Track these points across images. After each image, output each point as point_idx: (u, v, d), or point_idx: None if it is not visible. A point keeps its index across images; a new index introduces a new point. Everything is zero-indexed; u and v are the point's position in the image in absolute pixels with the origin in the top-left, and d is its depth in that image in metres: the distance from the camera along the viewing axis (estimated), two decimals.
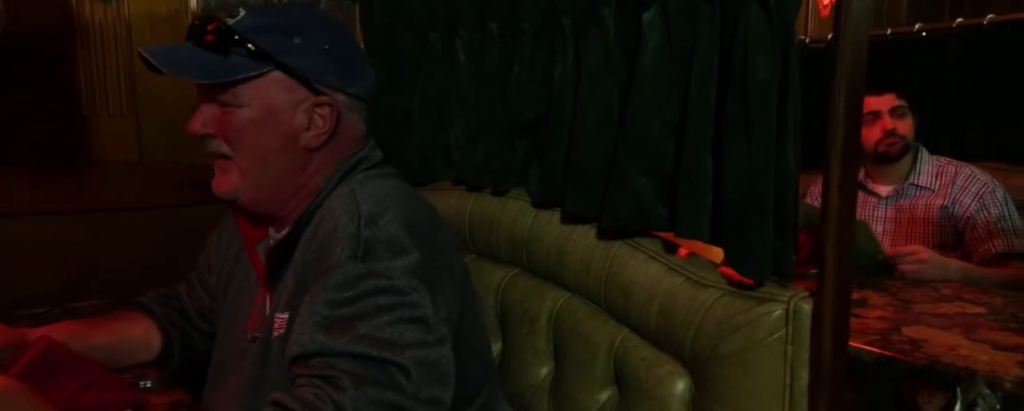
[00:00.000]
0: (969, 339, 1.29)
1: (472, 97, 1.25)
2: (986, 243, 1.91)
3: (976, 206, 1.95)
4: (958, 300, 1.57)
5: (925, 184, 2.06)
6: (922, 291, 1.66)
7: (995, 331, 1.33)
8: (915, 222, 2.05)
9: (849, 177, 0.74)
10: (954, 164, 2.07)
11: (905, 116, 2.04)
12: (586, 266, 1.01)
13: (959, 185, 2.01)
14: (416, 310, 0.80)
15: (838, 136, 0.73)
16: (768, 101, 0.78)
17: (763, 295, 0.81)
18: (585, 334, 1.01)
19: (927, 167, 2.08)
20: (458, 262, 0.93)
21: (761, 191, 0.79)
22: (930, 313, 1.46)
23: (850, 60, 0.72)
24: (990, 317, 1.43)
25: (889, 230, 2.12)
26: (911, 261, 1.78)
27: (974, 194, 1.97)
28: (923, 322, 1.40)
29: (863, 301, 1.57)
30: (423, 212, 0.93)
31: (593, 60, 0.99)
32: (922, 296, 1.61)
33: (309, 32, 0.94)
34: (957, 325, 1.37)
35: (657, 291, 0.90)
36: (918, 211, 2.05)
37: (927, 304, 1.53)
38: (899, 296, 1.61)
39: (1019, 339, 1.28)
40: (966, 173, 2.02)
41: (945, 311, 1.48)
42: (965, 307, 1.50)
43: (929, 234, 2.03)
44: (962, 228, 1.97)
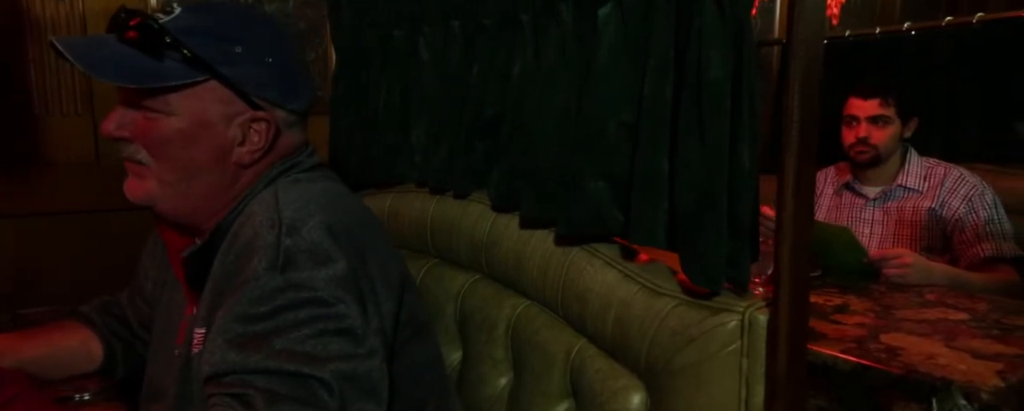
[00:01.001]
0: (948, 347, 1.25)
1: (434, 96, 1.21)
2: (974, 247, 1.87)
3: (965, 209, 1.91)
4: (942, 306, 1.52)
5: (913, 185, 2.02)
6: (906, 296, 1.61)
7: (976, 338, 1.29)
8: (902, 224, 2.01)
9: (804, 180, 0.70)
10: (943, 165, 2.02)
11: (887, 125, 1.99)
12: (543, 273, 0.97)
13: (948, 187, 1.97)
14: (342, 321, 0.75)
15: (792, 138, 0.69)
16: (721, 100, 0.74)
17: (718, 305, 0.77)
18: (543, 343, 0.97)
19: (915, 168, 2.04)
20: (395, 269, 0.88)
21: (714, 195, 0.75)
22: (912, 319, 1.42)
23: (804, 57, 0.68)
24: (972, 324, 1.38)
25: (877, 233, 2.08)
26: (895, 265, 1.74)
27: (963, 197, 1.93)
28: (903, 329, 1.36)
29: (844, 307, 1.53)
30: (355, 217, 0.87)
31: (550, 58, 0.95)
32: (905, 301, 1.57)
33: (252, 40, 0.87)
34: (938, 332, 1.33)
35: (612, 300, 0.86)
36: (906, 213, 2.01)
37: (909, 310, 1.49)
38: (882, 302, 1.57)
39: (1000, 347, 1.24)
40: (955, 175, 1.98)
41: (927, 317, 1.44)
42: (948, 313, 1.46)
43: (917, 237, 1.98)
44: (950, 231, 1.93)
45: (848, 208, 2.16)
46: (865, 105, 2.01)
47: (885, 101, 1.99)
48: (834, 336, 1.33)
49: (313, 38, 1.67)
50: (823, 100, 1.88)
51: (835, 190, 2.22)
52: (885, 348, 1.25)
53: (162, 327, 1.00)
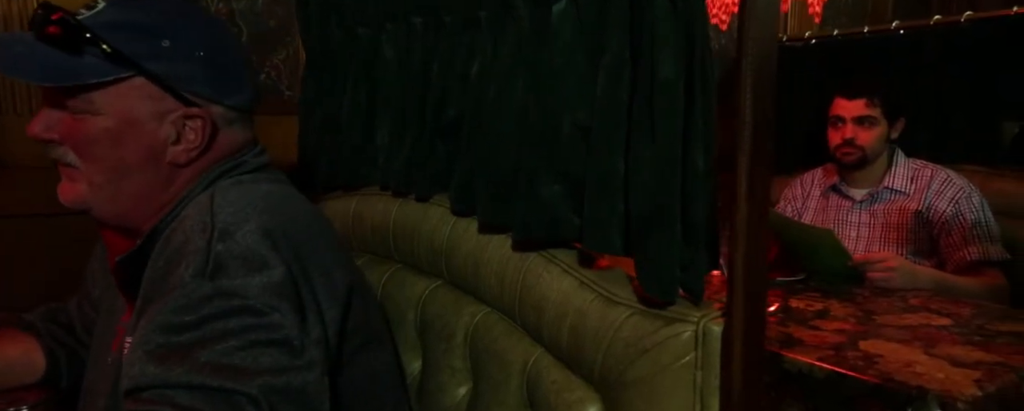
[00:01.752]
0: (928, 354, 1.21)
1: (397, 96, 1.18)
2: (961, 250, 1.83)
3: (951, 212, 1.87)
4: (925, 311, 1.49)
5: (900, 188, 1.98)
6: (889, 301, 1.58)
7: (957, 345, 1.26)
8: (889, 228, 1.97)
9: (758, 184, 0.66)
10: (930, 167, 1.99)
11: (872, 126, 1.95)
12: (500, 279, 0.93)
13: (934, 189, 1.93)
14: (276, 332, 0.71)
15: (745, 140, 0.65)
16: (673, 101, 0.70)
17: (672, 315, 0.73)
18: (500, 352, 0.93)
19: (902, 170, 2.01)
20: (342, 277, 0.84)
21: (666, 199, 0.71)
22: (893, 325, 1.39)
23: (755, 56, 0.64)
24: (955, 330, 1.35)
25: (863, 236, 2.04)
26: (879, 269, 1.70)
27: (950, 199, 1.89)
28: (883, 335, 1.32)
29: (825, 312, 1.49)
30: (299, 222, 0.83)
31: (506, 56, 0.92)
32: (888, 307, 1.53)
33: (181, 34, 0.83)
34: (918, 339, 1.30)
35: (568, 308, 0.83)
36: (892, 216, 1.97)
37: (891, 315, 1.46)
38: (864, 307, 1.53)
39: (981, 354, 1.21)
40: (942, 177, 1.94)
41: (908, 323, 1.40)
42: (930, 318, 1.43)
43: (903, 240, 1.95)
44: (937, 234, 1.90)
45: (835, 210, 2.12)
46: (850, 105, 1.98)
47: (871, 101, 1.96)
48: (812, 343, 1.29)
49: (283, 37, 1.63)
50: (811, 100, 1.84)
51: (822, 192, 2.19)
52: (863, 355, 1.22)
53: (101, 333, 0.96)
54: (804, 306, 1.54)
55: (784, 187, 2.33)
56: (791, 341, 1.30)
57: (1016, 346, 1.25)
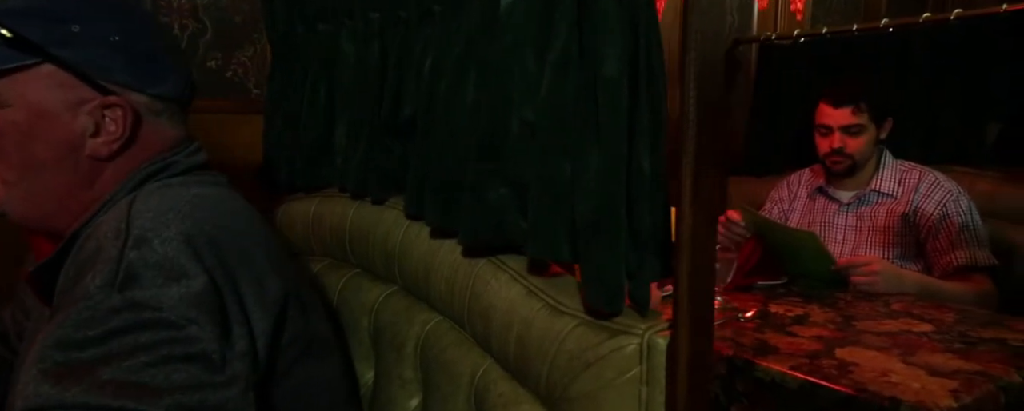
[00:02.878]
0: (905, 363, 1.17)
1: (354, 94, 1.14)
2: (948, 255, 1.79)
3: (939, 215, 1.83)
4: (907, 316, 1.45)
5: (887, 190, 1.94)
6: (872, 306, 1.54)
7: (936, 353, 1.21)
8: (875, 231, 1.93)
9: (704, 188, 0.62)
10: (918, 169, 1.94)
11: (860, 133, 1.90)
12: (450, 286, 0.89)
13: (922, 192, 1.88)
14: (192, 346, 0.66)
15: (690, 140, 0.61)
16: (617, 99, 0.66)
17: (618, 326, 0.69)
18: (449, 363, 0.89)
19: (889, 172, 1.96)
20: (277, 285, 0.78)
21: (611, 204, 0.67)
22: (872, 331, 1.34)
23: (700, 51, 0.60)
24: (935, 336, 1.31)
25: (850, 239, 1.99)
26: (863, 273, 1.66)
27: (937, 202, 1.85)
28: (861, 342, 1.28)
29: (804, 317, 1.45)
30: (229, 228, 0.78)
31: (457, 52, 0.87)
32: (869, 312, 1.49)
33: (92, 20, 0.79)
34: (897, 346, 1.25)
35: (515, 318, 0.79)
36: (879, 219, 1.93)
37: (871, 321, 1.41)
38: (845, 312, 1.49)
39: (959, 363, 1.16)
40: (930, 179, 1.90)
41: (888, 329, 1.36)
42: (911, 324, 1.38)
43: (890, 243, 1.90)
44: (924, 238, 1.85)
45: (821, 213, 2.08)
46: (837, 114, 1.92)
47: (857, 108, 1.90)
48: (787, 350, 1.25)
49: (250, 33, 1.59)
50: (801, 100, 1.79)
51: (809, 194, 2.14)
52: (838, 364, 1.18)
53: (27, 343, 0.92)
54: (783, 311, 1.50)
55: (771, 188, 2.29)
56: (766, 348, 1.26)
57: (997, 354, 1.21)
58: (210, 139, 1.60)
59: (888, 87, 2.25)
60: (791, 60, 2.58)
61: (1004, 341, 1.28)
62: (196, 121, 1.59)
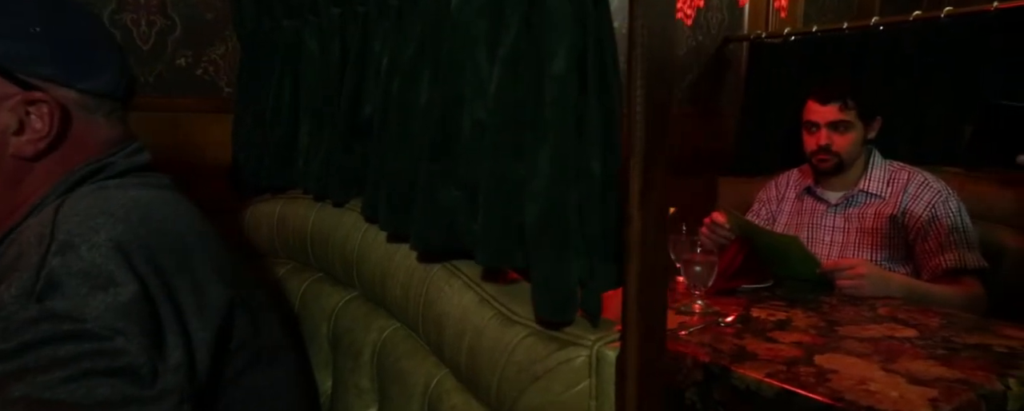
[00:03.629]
0: (885, 370, 1.13)
1: (317, 93, 1.10)
2: (936, 257, 1.75)
3: (927, 216, 1.79)
4: (891, 321, 1.41)
5: (875, 191, 1.90)
6: (857, 310, 1.50)
7: (918, 359, 1.18)
8: (863, 232, 1.89)
9: (653, 189, 0.59)
10: (907, 170, 1.90)
11: (848, 131, 1.86)
12: (405, 293, 0.86)
13: (911, 193, 1.85)
14: (117, 359, 0.62)
15: (637, 139, 0.58)
16: (565, 97, 0.63)
17: (568, 337, 0.66)
18: (403, 373, 0.86)
19: (878, 172, 1.92)
20: (220, 292, 0.75)
21: (557, 207, 0.63)
22: (854, 337, 1.31)
23: (647, 44, 0.56)
24: (919, 342, 1.27)
25: (838, 241, 1.96)
26: (848, 276, 1.62)
27: (926, 203, 1.81)
28: (842, 348, 1.24)
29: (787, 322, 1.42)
30: (167, 234, 0.74)
31: (411, 49, 0.84)
32: (854, 316, 1.45)
33: (10, 10, 0.74)
34: (878, 352, 1.22)
35: (467, 326, 0.75)
36: (867, 220, 1.89)
37: (855, 326, 1.38)
38: (829, 316, 1.45)
39: (941, 370, 1.13)
40: (919, 180, 1.86)
41: (871, 334, 1.32)
42: (895, 329, 1.35)
43: (878, 245, 1.86)
44: (912, 240, 1.81)
45: (809, 214, 2.04)
46: (824, 110, 1.88)
47: (844, 105, 1.86)
48: (765, 356, 1.21)
49: (221, 30, 1.55)
50: (791, 99, 1.73)
51: (797, 195, 2.11)
52: (816, 371, 1.14)
53: None
54: (766, 316, 1.46)
55: (759, 189, 2.25)
56: (744, 355, 1.22)
57: (980, 360, 1.17)
58: (180, 138, 1.57)
59: (876, 85, 2.21)
60: (781, 59, 2.54)
61: (989, 347, 1.24)
62: (165, 120, 1.58)
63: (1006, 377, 1.10)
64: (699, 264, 1.53)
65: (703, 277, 1.55)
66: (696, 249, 1.54)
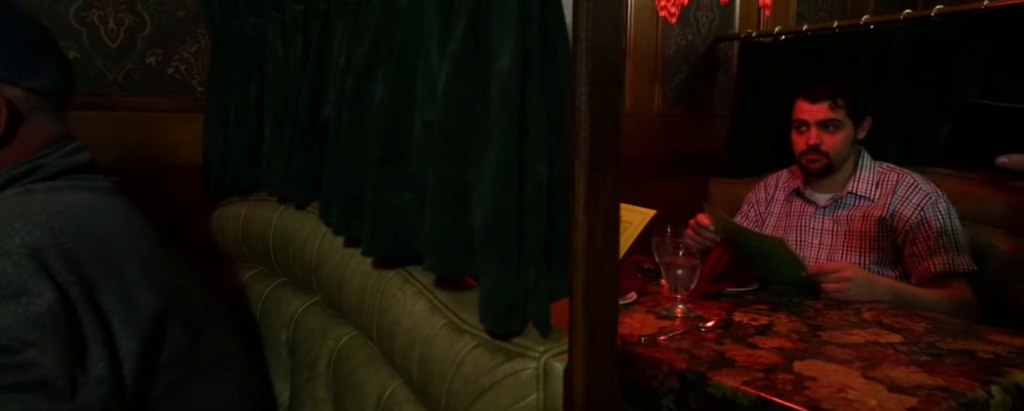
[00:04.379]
0: (865, 377, 1.10)
1: (280, 92, 1.07)
2: (925, 260, 1.71)
3: (916, 219, 1.76)
4: (876, 326, 1.38)
5: (864, 193, 1.87)
6: (841, 314, 1.47)
7: (900, 366, 1.14)
8: (852, 235, 1.86)
9: (599, 194, 0.55)
10: (896, 171, 1.87)
11: (838, 130, 1.83)
12: (360, 299, 0.83)
13: (900, 195, 1.81)
14: (29, 372, 0.59)
15: (581, 141, 0.54)
16: (510, 96, 0.59)
17: (517, 348, 0.62)
18: (358, 383, 0.83)
19: (867, 174, 1.89)
20: (152, 300, 0.71)
21: (501, 212, 0.60)
22: (837, 342, 1.27)
23: (591, 42, 0.53)
24: (902, 348, 1.24)
25: (826, 243, 1.92)
26: (834, 279, 1.59)
27: (915, 206, 1.77)
28: (823, 355, 1.21)
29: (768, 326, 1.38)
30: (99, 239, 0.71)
31: (365, 46, 0.81)
32: (838, 321, 1.42)
33: None
34: (860, 358, 1.18)
35: (418, 336, 0.72)
36: (855, 223, 1.86)
37: (838, 331, 1.35)
38: (812, 321, 1.42)
39: (923, 377, 1.10)
40: (908, 182, 1.82)
41: (855, 339, 1.29)
42: (879, 335, 1.32)
43: (866, 248, 1.83)
44: (901, 243, 1.78)
45: (797, 216, 2.01)
46: (813, 109, 1.85)
47: (834, 103, 1.83)
48: (743, 363, 1.18)
49: (193, 28, 1.52)
50: (783, 99, 1.67)
51: (786, 196, 2.07)
52: (795, 378, 1.11)
53: None
54: (748, 320, 1.43)
55: (748, 190, 2.22)
56: (722, 361, 1.19)
57: (964, 367, 1.14)
58: (150, 139, 1.54)
59: (867, 85, 2.18)
60: (772, 58, 2.51)
61: (974, 353, 1.21)
62: (135, 119, 1.54)
63: (989, 384, 1.07)
64: (681, 267, 1.50)
65: (684, 281, 1.52)
66: (678, 252, 1.51)
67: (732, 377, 1.12)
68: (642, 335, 1.33)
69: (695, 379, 1.16)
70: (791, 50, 2.46)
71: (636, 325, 1.41)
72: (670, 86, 2.65)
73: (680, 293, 1.50)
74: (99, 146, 1.47)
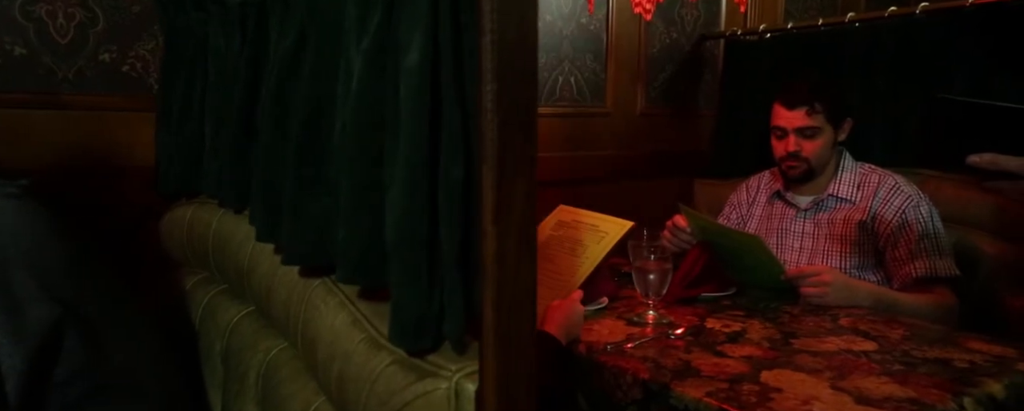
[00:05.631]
0: (833, 388, 1.05)
1: (218, 90, 1.02)
2: (907, 265, 1.66)
3: (897, 222, 1.70)
4: (852, 333, 1.33)
5: (845, 195, 1.81)
6: (817, 320, 1.42)
7: (871, 376, 1.10)
8: (832, 239, 1.81)
9: (512, 204, 0.51)
10: (878, 172, 1.82)
11: (816, 136, 1.78)
12: (287, 310, 0.78)
13: (881, 197, 1.76)
14: None
15: (490, 144, 0.50)
16: (419, 93, 0.55)
17: (429, 366, 0.58)
18: (284, 399, 0.78)
19: (849, 176, 1.83)
20: (44, 312, 0.65)
21: (409, 219, 0.55)
22: (809, 351, 1.23)
23: (498, 36, 0.48)
24: (876, 356, 1.19)
25: (807, 247, 1.87)
26: (812, 283, 1.54)
27: (896, 209, 1.72)
28: (793, 364, 1.16)
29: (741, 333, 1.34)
30: None
31: (289, 41, 0.76)
32: (813, 328, 1.37)
33: None
34: (831, 367, 1.14)
35: (337, 350, 0.67)
36: (836, 226, 1.80)
37: (812, 338, 1.30)
38: (786, 327, 1.37)
39: (893, 387, 1.05)
40: (889, 184, 1.77)
41: (828, 348, 1.24)
42: (854, 342, 1.27)
43: (847, 252, 1.78)
44: (883, 246, 1.73)
45: (779, 219, 1.96)
46: (790, 115, 1.79)
47: (812, 109, 1.77)
48: (709, 373, 1.13)
49: (149, 24, 1.47)
50: (765, 99, 1.59)
51: (768, 198, 2.02)
52: (760, 389, 1.06)
53: None
54: (720, 327, 1.38)
55: (731, 191, 2.17)
56: (688, 371, 1.14)
57: (937, 378, 1.09)
58: (105, 139, 1.49)
59: (848, 85, 2.13)
60: (757, 57, 2.46)
61: (949, 362, 1.16)
62: (88, 119, 1.49)
63: (961, 396, 1.02)
64: (652, 272, 1.45)
65: (656, 286, 1.47)
66: (650, 256, 1.46)
67: (696, 388, 1.07)
68: (609, 342, 1.28)
69: (658, 390, 1.11)
70: (777, 49, 2.41)
71: (605, 332, 1.36)
72: (654, 86, 2.60)
73: (651, 298, 1.45)
74: (48, 146, 1.44)
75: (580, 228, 1.61)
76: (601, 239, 1.54)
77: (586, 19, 2.38)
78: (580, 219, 1.64)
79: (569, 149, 2.41)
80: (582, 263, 1.51)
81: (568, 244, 1.58)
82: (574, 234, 1.60)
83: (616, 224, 1.55)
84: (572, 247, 1.57)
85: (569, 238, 1.60)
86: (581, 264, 1.51)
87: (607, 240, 1.51)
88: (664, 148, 2.64)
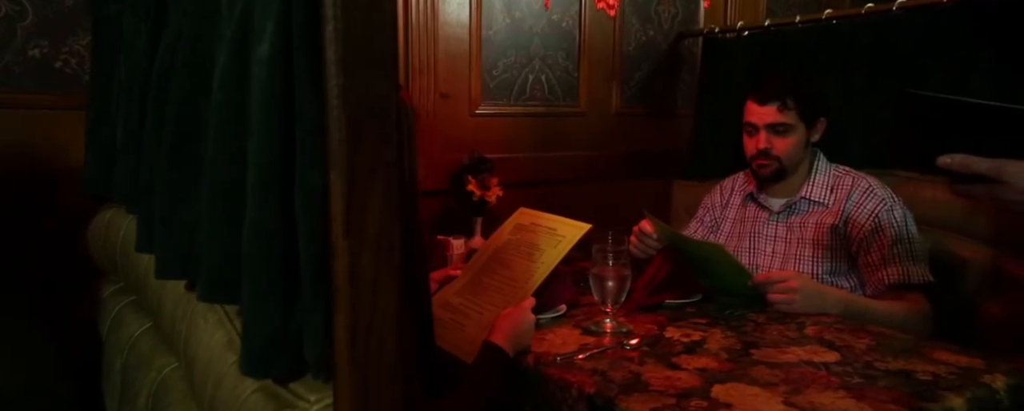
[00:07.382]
0: (786, 403, 0.99)
1: (127, 88, 0.96)
2: (879, 271, 1.60)
3: (870, 226, 1.64)
4: (816, 342, 1.27)
5: (818, 198, 1.75)
6: (782, 329, 1.36)
7: (828, 390, 1.03)
8: (804, 243, 1.74)
9: (365, 215, 0.44)
10: (852, 174, 1.75)
11: (788, 134, 1.71)
12: (173, 325, 0.72)
13: (854, 201, 1.69)
14: None
15: (338, 147, 0.43)
16: (270, 87, 0.48)
17: (289, 395, 0.51)
18: None
19: (822, 178, 1.77)
20: None
21: (264, 228, 0.49)
22: (767, 362, 1.16)
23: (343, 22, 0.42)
24: (837, 368, 1.13)
25: (779, 251, 1.81)
26: (780, 290, 1.47)
27: (869, 213, 1.66)
28: (748, 377, 1.10)
29: None
30: None
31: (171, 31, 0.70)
32: (776, 337, 1.31)
33: None
34: (787, 381, 1.07)
35: (211, 373, 0.61)
36: (808, 230, 1.74)
37: (773, 349, 1.23)
38: (748, 337, 1.31)
39: (850, 403, 0.98)
40: (863, 186, 1.70)
41: (788, 359, 1.18)
42: (816, 353, 1.20)
43: (819, 257, 1.72)
44: (855, 251, 1.66)
45: (752, 222, 1.89)
46: (762, 111, 1.72)
47: (784, 105, 1.70)
48: (658, 387, 1.07)
49: (84, 19, 1.41)
50: (742, 99, 1.50)
51: (742, 200, 1.96)
52: (709, 406, 1.00)
53: None
54: (679, 336, 1.32)
55: (705, 193, 2.11)
56: (636, 384, 1.08)
57: (896, 391, 1.03)
58: (38, 138, 1.42)
59: (823, 83, 2.07)
60: (735, 55, 2.40)
61: (911, 374, 1.10)
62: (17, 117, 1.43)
63: None
64: (609, 279, 1.38)
65: (614, 293, 1.41)
66: (608, 262, 1.39)
67: (642, 403, 1.01)
68: (559, 354, 1.22)
69: (602, 404, 1.05)
70: (755, 47, 2.35)
71: (558, 341, 1.30)
72: (630, 84, 2.54)
73: (609, 306, 1.39)
74: None
75: (537, 232, 1.54)
76: (557, 243, 1.47)
77: (557, 16, 2.32)
78: (539, 222, 1.57)
79: (541, 150, 2.35)
80: (537, 268, 1.44)
81: (525, 248, 1.51)
82: (531, 238, 1.53)
83: (573, 227, 1.48)
84: (528, 252, 1.50)
85: (526, 242, 1.53)
86: (536, 269, 1.44)
87: (563, 244, 1.45)
88: (641, 148, 2.57)
